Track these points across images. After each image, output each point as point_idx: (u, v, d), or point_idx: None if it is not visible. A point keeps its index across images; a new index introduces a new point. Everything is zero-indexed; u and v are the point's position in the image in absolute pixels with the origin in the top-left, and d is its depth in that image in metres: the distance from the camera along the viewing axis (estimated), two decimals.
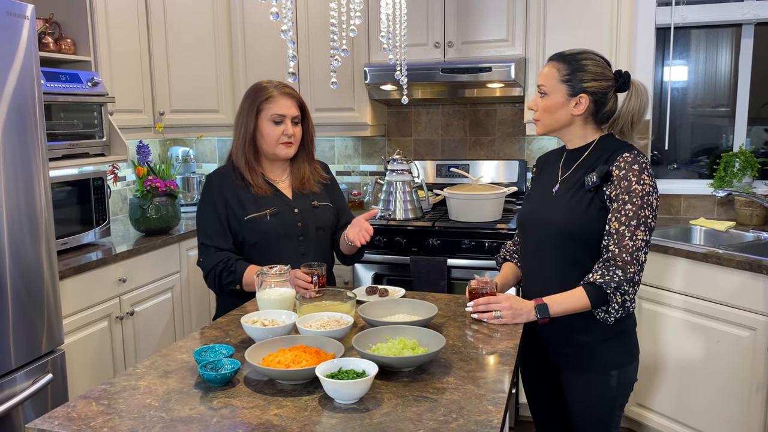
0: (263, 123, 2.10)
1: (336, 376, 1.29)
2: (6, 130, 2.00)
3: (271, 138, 2.10)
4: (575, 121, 1.80)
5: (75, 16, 2.89)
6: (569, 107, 1.77)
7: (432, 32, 3.28)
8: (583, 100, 1.75)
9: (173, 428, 1.17)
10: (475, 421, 1.19)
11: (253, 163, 2.14)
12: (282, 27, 1.27)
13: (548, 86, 1.78)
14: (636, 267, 1.65)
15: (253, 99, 2.12)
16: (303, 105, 2.18)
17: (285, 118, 2.10)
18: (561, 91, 1.76)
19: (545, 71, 1.79)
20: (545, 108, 1.79)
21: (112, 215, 3.52)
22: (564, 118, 1.79)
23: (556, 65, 1.78)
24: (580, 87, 1.74)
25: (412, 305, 1.77)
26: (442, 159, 3.73)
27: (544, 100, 1.79)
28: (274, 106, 2.09)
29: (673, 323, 2.72)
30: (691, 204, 3.32)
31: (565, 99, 1.76)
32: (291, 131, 2.11)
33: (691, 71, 3.44)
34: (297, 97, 2.16)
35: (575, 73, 1.74)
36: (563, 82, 1.75)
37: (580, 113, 1.77)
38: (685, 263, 2.64)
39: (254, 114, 2.10)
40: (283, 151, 2.13)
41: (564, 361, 1.84)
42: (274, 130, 2.10)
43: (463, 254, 3.05)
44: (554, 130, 1.83)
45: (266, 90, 2.11)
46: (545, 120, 1.81)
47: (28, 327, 2.09)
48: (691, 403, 2.69)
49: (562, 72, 1.75)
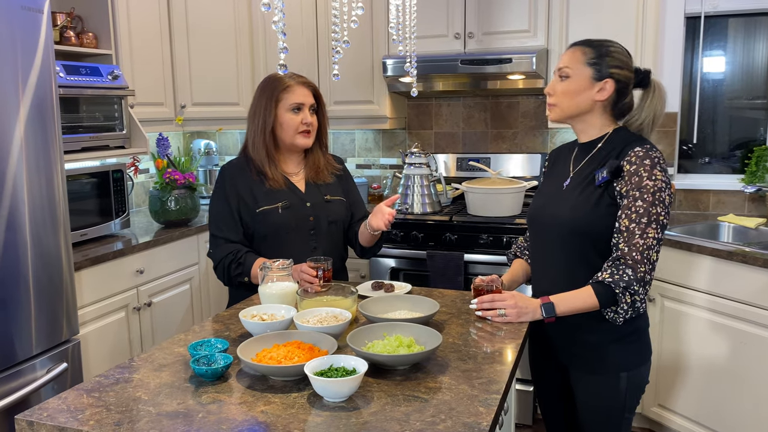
0: (282, 113, 2.10)
1: (326, 373, 1.28)
2: (29, 123, 2.05)
3: (290, 127, 2.10)
4: (595, 108, 1.73)
5: (96, 10, 2.92)
6: (592, 92, 1.70)
7: (452, 23, 3.22)
8: (608, 85, 1.69)
9: (158, 423, 1.17)
10: (463, 423, 1.16)
11: (273, 155, 2.14)
12: (273, 18, 1.25)
13: (573, 68, 1.70)
14: (647, 266, 1.59)
15: (271, 90, 2.11)
16: (318, 94, 2.18)
17: (303, 106, 2.11)
18: (586, 73, 1.69)
19: (568, 54, 1.73)
20: (566, 91, 1.71)
21: (135, 207, 3.57)
22: (585, 104, 1.72)
23: (581, 49, 1.71)
24: (607, 72, 1.68)
25: (414, 302, 1.74)
26: (463, 152, 3.67)
27: (565, 83, 1.71)
28: (292, 96, 2.10)
29: (696, 323, 2.63)
30: (721, 200, 3.20)
31: (590, 82, 1.69)
32: (309, 119, 2.12)
33: (728, 62, 3.30)
34: (312, 86, 2.16)
35: (602, 58, 1.68)
36: (589, 65, 1.69)
37: (603, 99, 1.70)
38: (709, 261, 2.54)
39: (273, 104, 2.10)
40: (301, 141, 2.13)
41: (572, 361, 1.79)
42: (293, 119, 2.10)
43: (481, 249, 3.00)
44: (571, 116, 1.75)
45: (282, 80, 2.11)
46: (564, 104, 1.73)
47: (49, 315, 2.14)
48: (715, 405, 2.60)
49: (589, 55, 1.69)
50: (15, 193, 2.00)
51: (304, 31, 3.48)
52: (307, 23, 3.48)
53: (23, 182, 2.03)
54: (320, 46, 3.46)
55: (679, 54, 3.15)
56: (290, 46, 3.47)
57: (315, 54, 3.48)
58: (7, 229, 1.97)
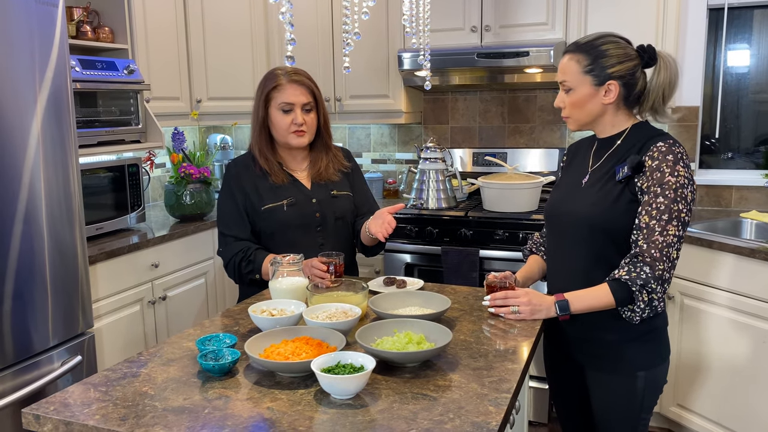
0: (273, 112, 2.07)
1: (333, 370, 1.26)
2: (45, 117, 2.06)
3: (281, 127, 2.06)
4: (607, 110, 1.69)
5: (112, 4, 2.93)
6: (599, 97, 1.66)
7: (468, 16, 3.18)
8: (613, 87, 1.65)
9: (163, 418, 1.16)
10: (472, 423, 1.13)
11: (266, 152, 2.10)
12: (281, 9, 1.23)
13: (571, 81, 1.67)
14: (666, 264, 1.55)
15: (263, 88, 2.08)
16: (315, 92, 2.11)
17: (294, 106, 2.05)
18: (586, 82, 1.66)
19: (564, 66, 1.69)
20: (573, 103, 1.69)
21: (151, 201, 3.59)
22: (596, 110, 1.69)
23: (574, 57, 1.67)
24: (606, 74, 1.64)
25: (425, 298, 1.71)
26: (479, 147, 3.63)
27: (570, 95, 1.68)
28: (281, 95, 2.04)
29: (717, 321, 2.57)
30: (743, 196, 3.13)
31: (593, 90, 1.66)
32: (301, 120, 2.05)
33: (753, 54, 3.21)
34: (308, 83, 2.08)
35: (597, 61, 1.64)
36: (586, 73, 1.65)
37: (611, 101, 1.67)
38: (731, 258, 2.48)
39: (264, 103, 2.07)
40: (294, 140, 2.08)
41: (588, 359, 1.75)
42: (283, 119, 2.05)
43: (497, 245, 2.96)
44: (587, 123, 1.73)
45: (275, 78, 2.06)
46: (576, 115, 1.71)
47: (65, 307, 2.16)
48: (735, 406, 2.54)
49: (583, 63, 1.65)
50: (32, 186, 2.01)
51: (320, 26, 3.46)
52: (322, 17, 3.45)
53: (40, 176, 2.04)
54: (335, 40, 3.44)
55: (702, 46, 3.08)
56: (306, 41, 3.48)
57: (330, 48, 3.46)
58: (24, 222, 1.99)
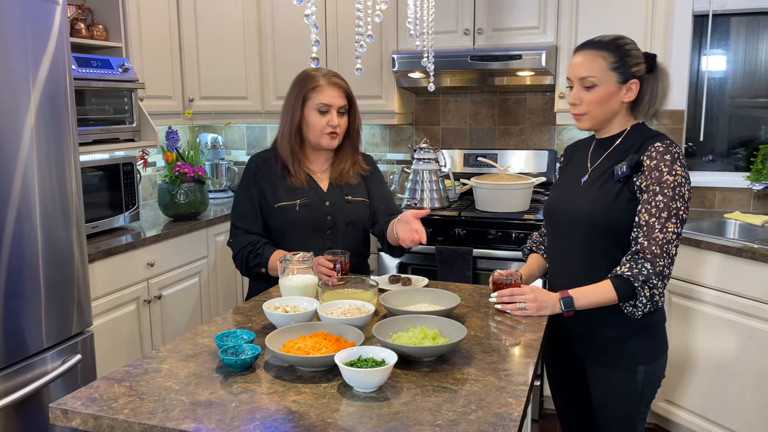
0: (309, 112, 2.07)
1: (355, 364, 1.29)
2: (40, 115, 2.03)
3: (316, 128, 2.07)
4: (621, 109, 1.75)
5: (106, 2, 2.91)
6: (620, 95, 1.71)
7: (461, 19, 3.23)
8: (634, 86, 1.71)
9: (192, 412, 1.18)
10: (495, 414, 1.17)
11: (297, 153, 2.11)
12: (305, 11, 1.25)
13: (598, 76, 1.69)
14: (666, 260, 1.61)
15: (300, 87, 2.09)
16: (350, 95, 2.13)
17: (331, 108, 2.06)
18: (611, 79, 1.70)
19: (589, 62, 1.70)
20: (595, 100, 1.71)
21: (143, 200, 3.57)
22: (615, 107, 1.73)
23: (600, 54, 1.70)
24: (630, 72, 1.69)
25: (435, 295, 1.75)
26: (470, 148, 3.68)
27: (593, 92, 1.70)
28: (320, 96, 2.06)
29: (704, 319, 2.65)
30: (726, 197, 3.23)
31: (617, 87, 1.70)
32: (336, 122, 2.07)
33: (730, 60, 3.32)
34: (345, 87, 2.11)
35: (623, 59, 1.69)
36: (613, 70, 1.69)
37: (630, 100, 1.72)
38: (718, 258, 2.57)
39: (300, 103, 2.07)
40: (327, 142, 2.09)
41: (589, 354, 1.81)
42: (319, 120, 2.06)
43: (490, 245, 3.02)
44: (604, 121, 1.76)
45: (314, 79, 2.07)
46: (595, 112, 1.73)
47: (60, 308, 2.13)
48: (722, 400, 2.63)
49: (609, 60, 1.69)
50: (25, 185, 1.98)
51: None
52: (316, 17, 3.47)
53: (34, 174, 2.01)
54: (328, 39, 3.46)
55: (687, 52, 3.17)
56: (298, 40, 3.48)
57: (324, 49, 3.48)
58: (16, 221, 1.95)
